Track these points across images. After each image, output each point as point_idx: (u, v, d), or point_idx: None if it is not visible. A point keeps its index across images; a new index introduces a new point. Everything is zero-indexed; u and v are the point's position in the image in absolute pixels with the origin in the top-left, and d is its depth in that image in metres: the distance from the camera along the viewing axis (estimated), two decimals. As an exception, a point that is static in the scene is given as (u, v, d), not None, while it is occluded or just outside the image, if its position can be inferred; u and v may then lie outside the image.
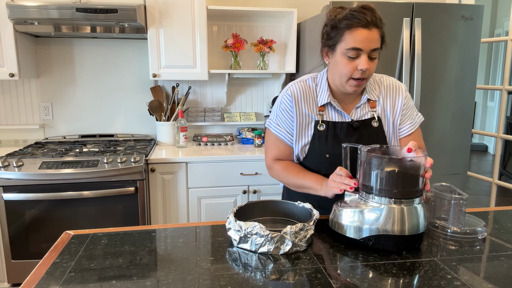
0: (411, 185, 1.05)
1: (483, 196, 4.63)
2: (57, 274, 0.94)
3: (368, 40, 1.18)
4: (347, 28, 1.18)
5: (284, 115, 1.36)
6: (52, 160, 2.20)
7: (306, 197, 1.39)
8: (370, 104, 1.35)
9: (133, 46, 2.78)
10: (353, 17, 1.18)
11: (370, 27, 1.17)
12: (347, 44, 1.19)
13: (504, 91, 2.65)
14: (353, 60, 1.20)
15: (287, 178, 1.37)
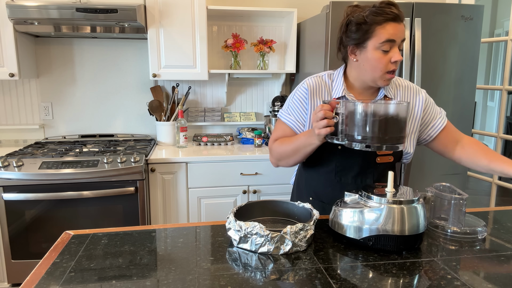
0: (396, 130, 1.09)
1: (483, 196, 4.63)
2: (57, 274, 0.94)
3: (399, 32, 1.23)
4: (378, 23, 1.22)
5: (297, 104, 1.38)
6: (52, 160, 2.20)
7: (315, 193, 1.42)
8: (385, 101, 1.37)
9: (133, 46, 2.78)
10: (383, 12, 1.22)
11: (398, 20, 1.23)
12: (380, 38, 1.22)
13: (504, 91, 2.65)
14: (386, 53, 1.24)
15: (283, 147, 1.36)
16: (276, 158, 1.41)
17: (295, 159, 1.35)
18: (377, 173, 1.36)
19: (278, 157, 1.40)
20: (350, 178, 1.36)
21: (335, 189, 1.38)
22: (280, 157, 1.39)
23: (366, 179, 1.36)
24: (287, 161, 1.38)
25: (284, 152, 1.36)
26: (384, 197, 1.06)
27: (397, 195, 1.07)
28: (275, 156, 1.41)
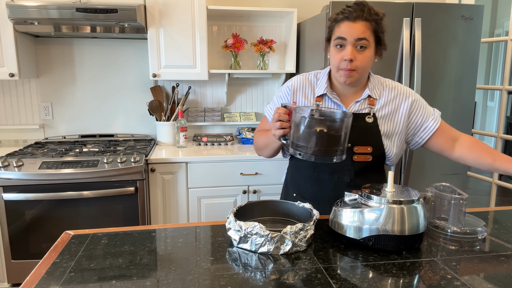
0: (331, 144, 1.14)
1: (483, 196, 4.63)
2: (57, 274, 0.94)
3: (352, 30, 1.25)
4: (336, 21, 1.29)
5: (278, 100, 1.46)
6: (52, 160, 2.20)
7: (298, 189, 1.46)
8: (369, 101, 1.37)
9: (133, 46, 2.78)
10: (342, 11, 1.27)
11: (354, 19, 1.25)
12: (335, 35, 1.29)
13: (504, 91, 2.65)
14: (340, 50, 1.28)
15: (259, 139, 1.47)
16: (256, 149, 1.52)
17: (268, 152, 1.45)
18: (354, 171, 1.36)
19: (256, 148, 1.51)
20: (327, 175, 1.37)
21: (314, 186, 1.40)
22: (257, 148, 1.50)
23: (343, 176, 1.37)
24: (262, 152, 1.48)
25: (259, 144, 1.48)
26: (384, 197, 1.06)
27: (397, 195, 1.07)
28: (256, 147, 1.52)
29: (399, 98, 1.39)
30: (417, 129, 1.41)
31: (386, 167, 2.32)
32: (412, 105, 1.39)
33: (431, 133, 1.39)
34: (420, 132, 1.41)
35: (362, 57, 1.27)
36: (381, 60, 2.19)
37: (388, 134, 1.37)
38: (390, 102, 1.38)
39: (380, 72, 2.21)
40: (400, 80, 2.22)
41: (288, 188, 1.52)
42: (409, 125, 1.40)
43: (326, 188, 1.38)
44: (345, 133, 1.16)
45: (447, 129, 1.41)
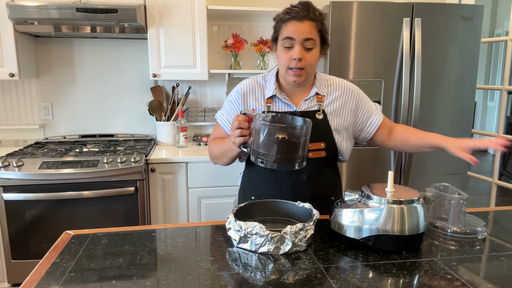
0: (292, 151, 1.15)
1: (483, 196, 4.63)
2: (57, 274, 0.94)
3: (299, 30, 1.27)
4: (283, 21, 1.30)
5: (230, 106, 1.45)
6: (52, 160, 2.20)
7: (256, 192, 1.45)
8: (317, 98, 1.40)
9: (133, 46, 2.78)
10: (288, 11, 1.29)
11: (301, 19, 1.27)
12: (283, 35, 1.30)
13: (504, 91, 2.65)
14: (288, 50, 1.30)
15: (215, 147, 1.44)
16: (212, 157, 1.48)
17: (225, 160, 1.42)
18: (311, 168, 1.38)
19: (212, 156, 1.48)
20: (285, 174, 1.38)
21: (272, 187, 1.40)
22: (213, 157, 1.47)
23: (300, 174, 1.37)
24: (219, 161, 1.45)
25: (215, 152, 1.44)
26: (384, 197, 1.06)
27: (397, 195, 1.07)
28: (211, 156, 1.48)
29: (345, 95, 1.43)
30: (363, 125, 1.47)
31: (367, 165, 2.33)
32: (358, 101, 1.44)
33: (376, 127, 1.46)
34: (367, 127, 1.47)
35: (310, 56, 1.30)
36: (381, 60, 2.20)
37: (338, 129, 1.41)
38: (337, 99, 1.42)
39: (380, 72, 2.21)
40: (400, 80, 2.22)
41: (246, 191, 1.51)
42: (356, 121, 1.46)
43: (285, 188, 1.39)
44: (306, 140, 1.18)
45: (387, 121, 1.49)
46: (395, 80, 2.23)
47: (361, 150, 2.29)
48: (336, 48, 2.15)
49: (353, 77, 2.19)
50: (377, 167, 2.32)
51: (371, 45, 2.18)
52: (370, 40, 2.17)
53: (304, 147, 1.18)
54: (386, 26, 2.17)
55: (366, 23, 2.15)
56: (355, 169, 2.30)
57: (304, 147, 1.18)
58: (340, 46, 2.16)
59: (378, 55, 2.19)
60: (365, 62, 2.19)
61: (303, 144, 1.17)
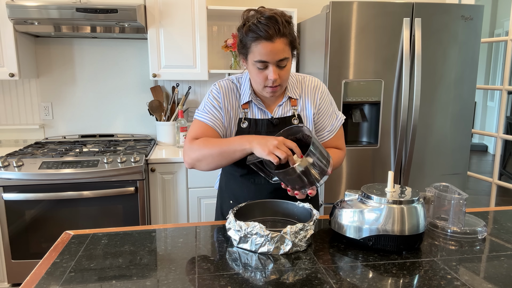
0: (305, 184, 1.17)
1: (483, 196, 4.63)
2: (57, 274, 0.94)
3: (272, 52, 1.19)
4: (253, 40, 1.20)
5: (213, 103, 1.35)
6: (52, 160, 2.20)
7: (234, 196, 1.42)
8: (291, 103, 1.38)
9: (133, 46, 2.78)
10: (257, 29, 1.18)
11: (273, 39, 1.18)
12: (254, 56, 1.22)
13: (504, 91, 2.65)
14: (262, 70, 1.24)
15: (208, 147, 1.26)
16: (196, 158, 1.29)
17: (218, 162, 1.26)
18: None
19: (199, 157, 1.28)
20: (263, 178, 1.36)
21: (250, 191, 1.39)
22: (202, 157, 1.27)
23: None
24: (208, 162, 1.27)
25: (209, 152, 1.26)
26: (384, 197, 1.06)
27: (397, 195, 1.07)
28: (195, 156, 1.29)
29: (313, 93, 1.41)
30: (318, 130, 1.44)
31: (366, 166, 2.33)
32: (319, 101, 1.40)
33: (322, 142, 1.44)
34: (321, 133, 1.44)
35: (285, 72, 1.26)
36: (381, 60, 2.20)
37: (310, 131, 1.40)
38: (307, 98, 1.40)
39: (380, 72, 2.21)
40: (400, 80, 2.22)
41: (223, 195, 1.48)
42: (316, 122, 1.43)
43: (264, 192, 1.37)
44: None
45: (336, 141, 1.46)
46: (395, 80, 2.23)
47: (361, 150, 2.29)
48: (336, 48, 2.15)
49: (353, 77, 2.19)
50: (377, 167, 2.32)
51: (371, 45, 2.18)
52: (370, 40, 2.17)
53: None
54: (386, 26, 2.17)
55: (366, 23, 2.15)
56: (355, 169, 2.30)
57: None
58: (340, 46, 2.16)
59: (378, 55, 2.19)
60: (365, 62, 2.19)
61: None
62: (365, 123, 2.40)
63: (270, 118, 1.36)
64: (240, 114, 1.36)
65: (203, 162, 1.28)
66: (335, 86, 2.19)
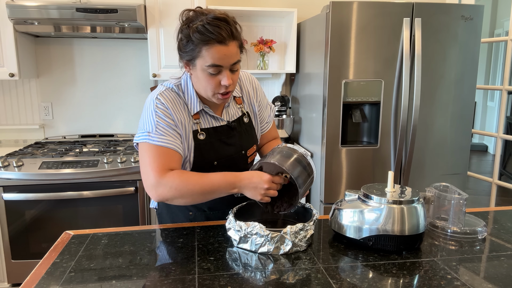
0: None
1: (483, 196, 4.63)
2: (57, 274, 0.94)
3: (227, 56, 1.12)
4: (204, 43, 1.10)
5: (167, 121, 1.19)
6: (52, 160, 2.20)
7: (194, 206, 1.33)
8: (237, 101, 1.36)
9: (133, 46, 2.78)
10: (207, 31, 1.09)
11: (227, 42, 1.11)
12: (206, 61, 1.12)
13: (504, 91, 2.65)
14: (214, 76, 1.15)
15: (188, 184, 1.13)
16: (171, 196, 1.13)
17: (196, 201, 1.17)
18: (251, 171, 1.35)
19: (175, 195, 1.13)
20: None
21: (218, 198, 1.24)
22: (179, 196, 1.13)
23: None
24: (186, 201, 1.16)
25: (189, 192, 1.13)
26: (384, 197, 1.06)
27: (397, 195, 1.07)
28: (170, 194, 1.13)
29: (252, 88, 1.41)
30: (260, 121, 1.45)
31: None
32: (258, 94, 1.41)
33: (265, 131, 1.46)
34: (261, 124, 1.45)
35: (236, 76, 1.20)
36: (381, 60, 2.20)
37: (256, 127, 1.41)
38: (248, 93, 1.39)
39: (380, 72, 2.21)
40: (400, 80, 2.22)
41: (174, 211, 1.35)
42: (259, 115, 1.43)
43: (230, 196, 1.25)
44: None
45: (273, 132, 1.50)
46: (395, 80, 2.23)
47: (361, 150, 2.29)
48: (336, 48, 2.15)
49: (353, 77, 2.19)
50: (377, 167, 2.32)
51: (371, 45, 2.18)
52: (370, 40, 2.17)
53: None
54: (386, 26, 2.17)
55: (366, 23, 2.15)
56: (355, 169, 2.30)
57: None
58: (340, 46, 2.16)
59: (378, 55, 2.19)
60: (365, 62, 2.19)
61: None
62: (365, 123, 2.40)
63: (227, 123, 1.31)
64: (193, 126, 1.25)
65: (177, 200, 1.15)
66: (335, 86, 2.19)
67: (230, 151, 1.30)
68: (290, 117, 2.83)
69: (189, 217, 1.35)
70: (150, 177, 1.14)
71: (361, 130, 2.43)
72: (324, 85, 2.21)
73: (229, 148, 1.30)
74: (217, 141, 1.28)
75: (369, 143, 2.35)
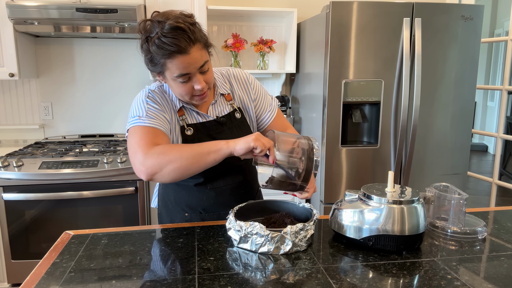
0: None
1: (483, 196, 4.63)
2: (57, 274, 0.94)
3: (191, 64, 1.12)
4: (165, 57, 1.10)
5: (156, 107, 1.21)
6: (52, 160, 2.20)
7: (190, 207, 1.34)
8: (226, 98, 1.35)
9: (133, 46, 2.78)
10: (165, 45, 1.07)
11: (188, 50, 1.09)
12: (173, 72, 1.12)
13: (504, 91, 2.65)
14: (186, 82, 1.15)
15: (175, 149, 1.11)
16: (158, 165, 1.09)
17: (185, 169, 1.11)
18: (244, 168, 1.35)
19: (162, 164, 1.09)
20: (221, 181, 1.32)
21: (210, 197, 1.32)
22: (167, 163, 1.09)
23: (236, 176, 1.34)
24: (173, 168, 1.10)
25: (176, 156, 1.09)
26: (384, 197, 1.06)
27: (397, 195, 1.07)
28: (156, 163, 1.09)
29: (244, 84, 1.39)
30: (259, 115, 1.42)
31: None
32: (253, 90, 1.40)
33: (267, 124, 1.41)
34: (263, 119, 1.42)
35: (209, 75, 1.19)
36: (381, 60, 2.20)
37: (252, 123, 1.40)
38: (240, 90, 1.38)
39: (380, 72, 2.21)
40: (400, 80, 2.22)
41: (172, 211, 1.37)
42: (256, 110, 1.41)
43: (224, 194, 1.32)
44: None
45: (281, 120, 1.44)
46: (395, 80, 2.23)
47: (361, 150, 2.29)
48: (336, 48, 2.15)
49: (353, 77, 2.19)
50: (377, 167, 2.32)
51: (371, 45, 2.18)
52: (370, 40, 2.17)
53: None
54: (386, 26, 2.17)
55: (366, 23, 2.15)
56: (355, 169, 2.30)
57: None
58: (340, 46, 2.16)
59: (378, 55, 2.19)
60: (365, 62, 2.19)
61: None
62: (365, 123, 2.40)
63: (216, 119, 1.30)
64: (180, 122, 1.26)
65: (166, 169, 1.10)
66: (335, 86, 2.19)
67: None
68: (290, 117, 2.83)
69: (185, 218, 1.35)
70: (138, 154, 1.12)
71: (361, 130, 2.43)
72: (324, 85, 2.21)
73: None
74: (205, 136, 1.27)
75: (369, 143, 2.35)
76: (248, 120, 1.39)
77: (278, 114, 1.45)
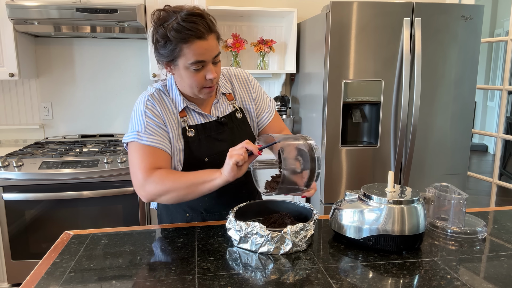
0: None
1: (483, 196, 4.63)
2: (57, 274, 0.94)
3: (208, 50, 1.13)
4: (183, 41, 1.11)
5: (155, 120, 1.22)
6: (52, 160, 2.19)
7: (191, 208, 1.34)
8: (228, 98, 1.35)
9: (133, 46, 2.78)
10: (185, 29, 1.09)
11: (206, 36, 1.12)
12: (188, 58, 1.13)
13: (504, 91, 2.65)
14: (199, 71, 1.16)
15: (175, 179, 1.16)
16: (157, 193, 1.17)
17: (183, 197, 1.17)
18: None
19: (161, 192, 1.16)
20: None
21: (211, 197, 1.30)
22: (165, 192, 1.16)
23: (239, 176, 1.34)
24: (172, 196, 1.17)
25: (174, 186, 1.15)
26: (384, 197, 1.06)
27: (397, 195, 1.07)
28: (156, 191, 1.16)
29: (245, 84, 1.40)
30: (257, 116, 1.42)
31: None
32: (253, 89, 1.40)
33: (265, 125, 1.41)
34: (260, 120, 1.42)
35: (219, 68, 1.22)
36: (381, 60, 2.20)
37: (252, 123, 1.40)
38: (241, 90, 1.38)
39: (380, 72, 2.21)
40: (400, 80, 2.22)
41: (172, 212, 1.37)
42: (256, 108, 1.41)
43: (226, 194, 1.31)
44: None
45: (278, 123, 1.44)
46: (395, 80, 2.23)
47: (361, 150, 2.29)
48: (336, 48, 2.15)
49: (353, 77, 2.19)
50: (377, 167, 2.32)
51: (371, 45, 2.18)
52: (370, 40, 2.17)
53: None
54: (386, 26, 2.17)
55: (366, 23, 2.15)
56: (355, 169, 2.30)
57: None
58: (340, 46, 2.16)
59: (378, 55, 2.19)
60: (365, 62, 2.19)
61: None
62: (365, 123, 2.40)
63: (216, 119, 1.30)
64: (182, 123, 1.26)
65: (165, 196, 1.17)
66: (335, 86, 2.19)
67: (221, 147, 1.28)
68: (290, 117, 2.83)
69: (186, 218, 1.35)
70: (138, 176, 1.19)
71: (361, 130, 2.43)
72: (324, 85, 2.21)
73: (220, 144, 1.29)
74: (206, 137, 1.28)
75: (369, 143, 2.35)
76: (249, 119, 1.39)
77: (276, 116, 1.46)
